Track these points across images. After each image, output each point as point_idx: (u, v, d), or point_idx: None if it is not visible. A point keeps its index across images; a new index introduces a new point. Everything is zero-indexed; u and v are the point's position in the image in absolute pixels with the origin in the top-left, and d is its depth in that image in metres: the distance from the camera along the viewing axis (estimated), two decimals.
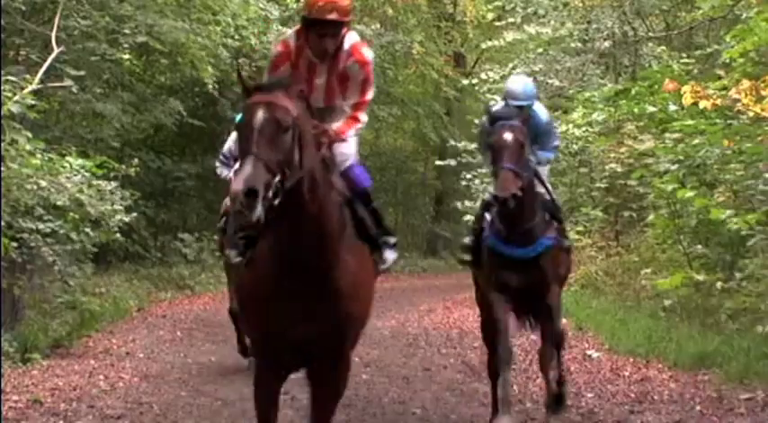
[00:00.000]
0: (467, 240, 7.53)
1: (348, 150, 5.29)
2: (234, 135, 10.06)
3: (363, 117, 5.32)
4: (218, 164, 10.10)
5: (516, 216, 6.88)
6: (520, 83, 7.73)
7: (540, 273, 7.02)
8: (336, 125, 5.18)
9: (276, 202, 4.25)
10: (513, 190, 6.62)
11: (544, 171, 7.50)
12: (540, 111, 7.61)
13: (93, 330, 12.15)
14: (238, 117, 4.67)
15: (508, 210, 6.75)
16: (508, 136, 6.78)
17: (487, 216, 7.27)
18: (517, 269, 6.98)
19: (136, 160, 13.01)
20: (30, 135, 10.39)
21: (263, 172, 4.20)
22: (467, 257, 7.50)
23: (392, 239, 5.34)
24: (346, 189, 5.10)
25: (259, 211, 4.16)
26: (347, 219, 4.93)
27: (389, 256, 5.28)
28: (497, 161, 6.76)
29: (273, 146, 4.29)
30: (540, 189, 7.23)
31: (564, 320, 7.23)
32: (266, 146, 4.27)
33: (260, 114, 4.35)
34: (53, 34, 12.18)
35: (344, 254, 4.77)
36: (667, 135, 12.71)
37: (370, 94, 5.32)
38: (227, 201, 9.75)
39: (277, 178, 4.26)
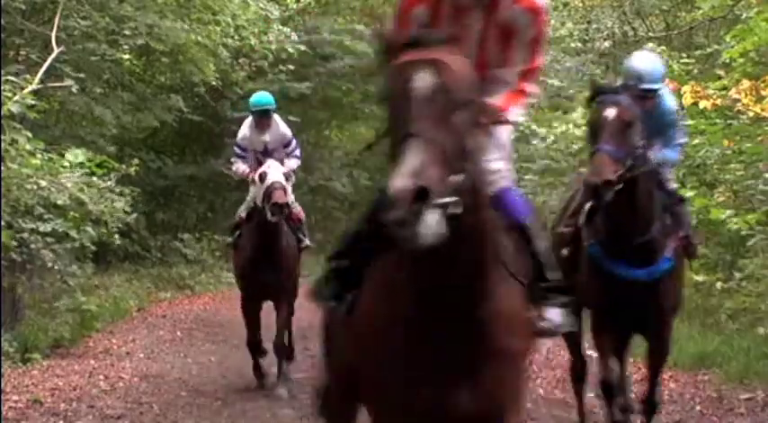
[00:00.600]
0: (565, 251, 5.99)
1: (501, 162, 3.82)
2: (248, 121, 9.41)
3: (533, 89, 3.90)
4: (233, 159, 9.55)
5: (625, 220, 5.60)
6: (646, 60, 6.28)
7: (656, 302, 5.79)
8: (496, 99, 3.72)
9: (457, 210, 2.92)
10: (609, 176, 5.27)
11: (668, 174, 6.23)
12: (668, 96, 6.35)
13: (94, 330, 12.14)
14: (381, 86, 3.23)
15: (608, 206, 5.42)
16: (610, 112, 5.50)
17: (586, 207, 5.89)
18: (628, 293, 5.72)
19: (136, 160, 13.01)
20: (30, 135, 10.40)
21: (439, 161, 2.89)
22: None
23: (562, 299, 3.75)
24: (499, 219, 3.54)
25: (436, 222, 2.84)
26: (503, 249, 3.47)
27: (555, 316, 3.70)
28: (593, 142, 5.49)
29: (443, 124, 2.98)
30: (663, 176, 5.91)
31: None
32: (434, 123, 2.96)
33: (424, 78, 3.03)
34: (53, 34, 12.19)
35: (498, 292, 3.36)
36: None
37: (541, 58, 3.86)
38: (242, 211, 9.22)
39: (457, 177, 2.96)
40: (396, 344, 3.32)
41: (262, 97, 9.46)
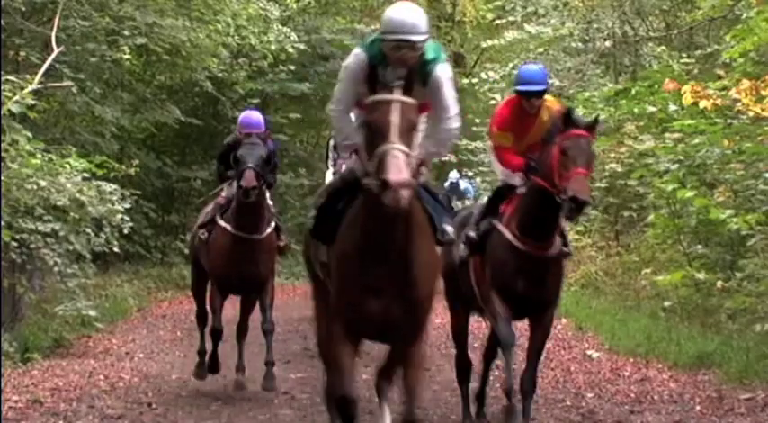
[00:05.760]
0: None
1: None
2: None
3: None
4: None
5: None
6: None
7: None
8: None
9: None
10: None
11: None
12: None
13: (94, 330, 12.14)
14: None
15: None
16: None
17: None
18: None
19: (136, 161, 13.00)
20: (30, 135, 10.40)
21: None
22: None
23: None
24: None
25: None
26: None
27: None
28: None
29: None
30: None
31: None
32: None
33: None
34: (53, 34, 12.18)
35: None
36: (667, 135, 12.69)
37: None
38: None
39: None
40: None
41: None
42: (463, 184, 21.91)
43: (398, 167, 4.61)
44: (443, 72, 5.34)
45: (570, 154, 6.41)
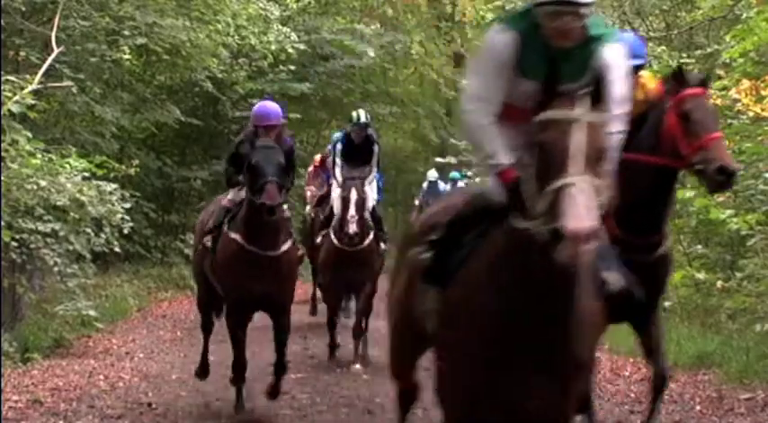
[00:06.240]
0: None
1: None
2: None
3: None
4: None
5: None
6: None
7: None
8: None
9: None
10: None
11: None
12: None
13: (94, 330, 12.14)
14: None
15: None
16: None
17: None
18: None
19: (136, 161, 13.00)
20: (30, 135, 10.40)
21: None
22: None
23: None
24: None
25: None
26: None
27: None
28: None
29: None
30: None
31: None
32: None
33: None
34: (53, 34, 12.18)
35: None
36: None
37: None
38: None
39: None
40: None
41: None
42: (442, 185, 20.51)
43: (579, 212, 3.31)
44: (614, 55, 3.98)
45: (695, 117, 5.43)
